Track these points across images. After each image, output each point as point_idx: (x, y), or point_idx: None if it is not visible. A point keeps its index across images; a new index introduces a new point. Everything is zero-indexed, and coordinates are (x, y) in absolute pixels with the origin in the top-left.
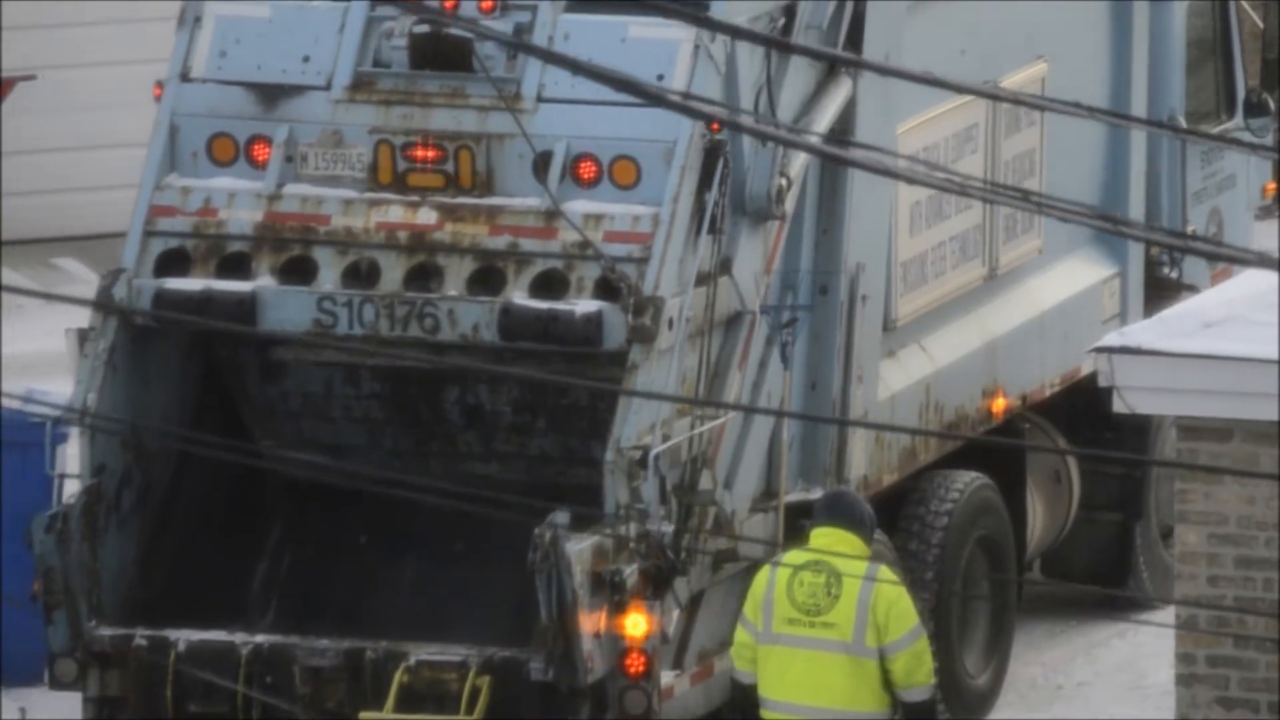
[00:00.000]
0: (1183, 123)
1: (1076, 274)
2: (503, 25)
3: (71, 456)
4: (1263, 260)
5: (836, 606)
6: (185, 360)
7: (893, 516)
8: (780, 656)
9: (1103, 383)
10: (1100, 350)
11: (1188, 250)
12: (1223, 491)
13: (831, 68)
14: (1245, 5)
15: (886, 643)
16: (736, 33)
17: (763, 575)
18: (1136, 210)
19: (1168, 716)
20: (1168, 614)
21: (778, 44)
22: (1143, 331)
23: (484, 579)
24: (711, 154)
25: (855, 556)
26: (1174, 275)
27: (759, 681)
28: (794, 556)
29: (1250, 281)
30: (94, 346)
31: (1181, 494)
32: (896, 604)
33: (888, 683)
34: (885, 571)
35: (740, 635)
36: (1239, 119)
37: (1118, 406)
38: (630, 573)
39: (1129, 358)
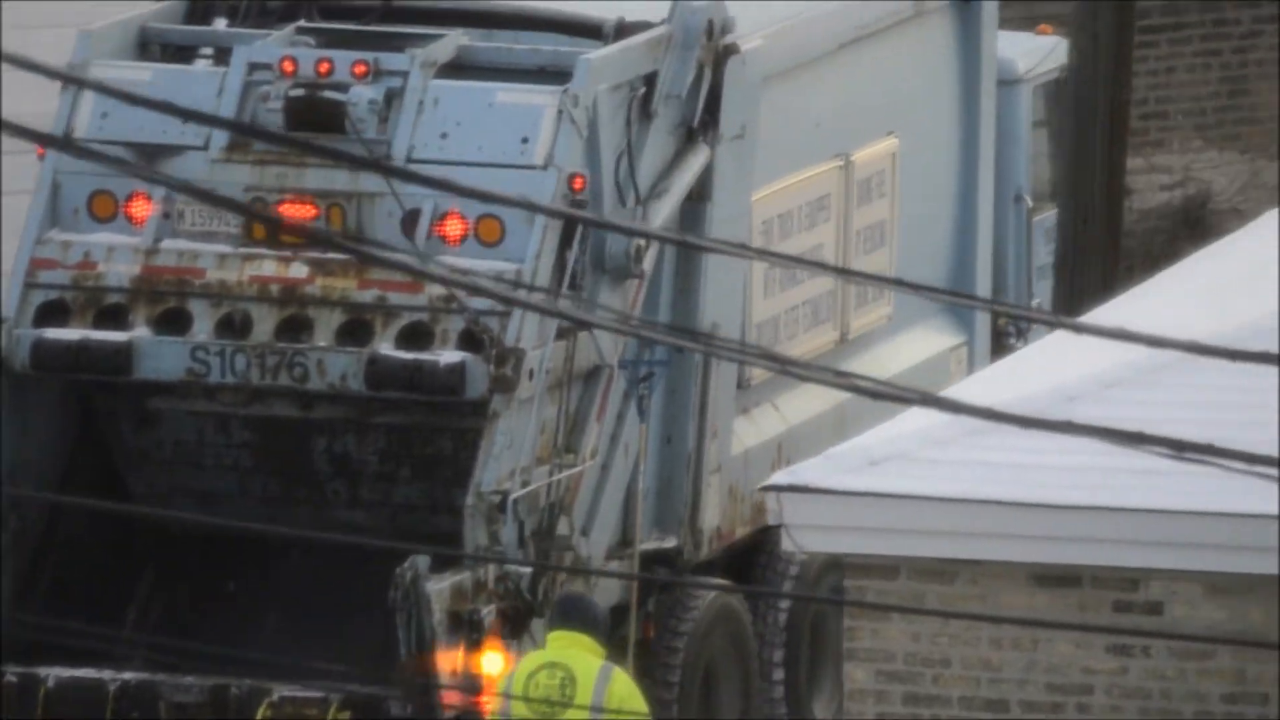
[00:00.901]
0: (1029, 201)
1: (924, 342)
2: (374, 90)
3: None
4: (925, 399)
5: (571, 708)
6: (62, 408)
7: (747, 568)
8: None
9: (771, 521)
10: (768, 489)
11: (871, 393)
12: (890, 629)
13: (689, 135)
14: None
15: None
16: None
17: (500, 683)
18: (984, 283)
19: None
20: None
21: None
22: (810, 469)
23: (348, 622)
24: None
25: (591, 657)
26: (1019, 346)
27: None
28: (530, 660)
29: (915, 419)
30: None
31: (849, 631)
32: (628, 701)
33: None
34: (618, 672)
35: None
36: None
37: (786, 545)
38: (488, 613)
39: (797, 495)
